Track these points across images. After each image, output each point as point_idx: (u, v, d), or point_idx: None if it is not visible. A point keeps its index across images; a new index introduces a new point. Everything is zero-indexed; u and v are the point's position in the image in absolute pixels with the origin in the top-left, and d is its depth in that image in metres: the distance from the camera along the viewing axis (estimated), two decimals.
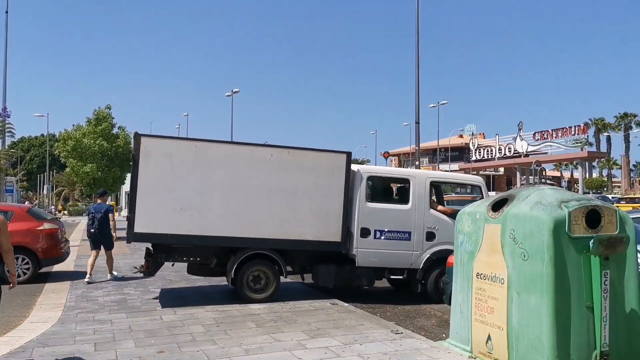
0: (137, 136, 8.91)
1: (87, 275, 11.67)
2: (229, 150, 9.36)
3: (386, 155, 58.26)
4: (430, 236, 9.71)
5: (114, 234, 12.49)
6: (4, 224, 5.29)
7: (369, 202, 9.74)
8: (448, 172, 38.35)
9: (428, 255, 9.68)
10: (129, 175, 33.57)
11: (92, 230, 12.15)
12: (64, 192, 78.77)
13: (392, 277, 10.04)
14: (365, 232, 9.57)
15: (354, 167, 9.88)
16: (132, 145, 24.07)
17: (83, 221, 48.63)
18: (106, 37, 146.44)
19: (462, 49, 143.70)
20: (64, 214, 69.49)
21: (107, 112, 23.83)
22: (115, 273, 12.42)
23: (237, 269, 9.23)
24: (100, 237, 12.16)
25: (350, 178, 9.65)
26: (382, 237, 9.62)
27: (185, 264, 10.16)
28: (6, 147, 24.04)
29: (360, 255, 9.60)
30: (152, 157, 8.83)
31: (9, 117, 21.91)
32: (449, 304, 6.76)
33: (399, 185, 10.64)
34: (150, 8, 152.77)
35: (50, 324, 7.67)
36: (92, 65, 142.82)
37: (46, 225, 12.23)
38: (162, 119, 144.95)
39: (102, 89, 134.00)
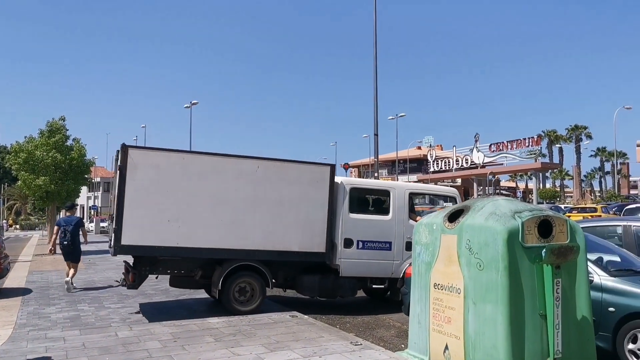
0: (125, 148, 8.77)
1: (70, 283, 11.89)
2: (215, 162, 9.33)
3: (346, 166, 58.67)
4: (409, 246, 9.87)
5: (84, 245, 12.77)
6: None
7: (351, 213, 9.90)
8: (425, 184, 38.97)
9: (408, 265, 9.82)
10: (84, 188, 32.79)
11: (65, 242, 12.23)
12: (15, 206, 76.28)
13: (374, 286, 10.23)
14: (348, 243, 9.71)
15: (336, 179, 10.03)
16: (87, 158, 23.65)
17: (35, 235, 47.17)
18: (61, 45, 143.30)
19: (420, 60, 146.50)
20: (16, 228, 67.08)
21: (61, 123, 23.24)
22: (74, 284, 12.20)
23: (224, 281, 9.20)
24: (71, 248, 12.28)
25: (333, 190, 9.82)
26: (365, 248, 9.83)
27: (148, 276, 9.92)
28: None
29: (343, 266, 9.73)
30: (139, 169, 8.74)
31: None
32: (408, 314, 6.81)
33: (379, 197, 10.84)
34: (109, 15, 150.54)
35: (0, 342, 7.39)
36: (46, 74, 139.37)
37: None
38: (119, 130, 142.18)
39: (55, 99, 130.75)
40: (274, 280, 9.81)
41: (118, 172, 8.77)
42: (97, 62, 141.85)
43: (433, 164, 66.36)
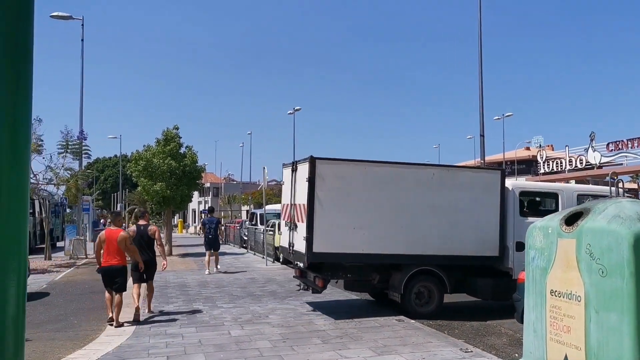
0: (313, 160, 9.33)
1: (207, 270, 15.92)
2: (394, 171, 9.81)
3: None
4: (519, 247, 9.81)
5: (220, 240, 17.56)
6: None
7: (522, 216, 10.03)
8: (591, 185, 37.72)
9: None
10: (195, 193, 34.43)
11: (210, 236, 16.43)
12: (135, 210, 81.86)
13: None
14: (520, 246, 9.64)
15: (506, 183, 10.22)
16: (198, 164, 24.90)
17: None
18: (172, 57, 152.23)
19: (527, 56, 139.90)
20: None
21: (174, 132, 24.64)
22: (219, 267, 16.47)
23: (405, 285, 9.56)
24: (213, 241, 16.39)
25: (504, 194, 9.98)
26: None
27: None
28: (83, 168, 25.22)
29: (517, 269, 9.70)
30: (326, 180, 9.29)
31: (85, 140, 22.99)
32: (521, 322, 6.52)
33: (548, 199, 10.86)
34: (216, 27, 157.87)
35: (125, 337, 7.96)
36: (160, 86, 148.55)
37: None
38: (226, 137, 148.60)
39: (169, 109, 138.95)
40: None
41: (307, 183, 9.24)
42: (201, 71, 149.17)
43: (543, 165, 63.17)
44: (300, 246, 9.52)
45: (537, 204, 10.99)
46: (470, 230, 9.76)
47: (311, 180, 9.16)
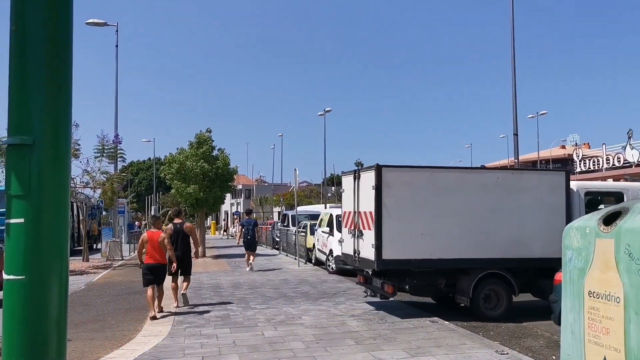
0: (378, 167, 9.46)
1: (248, 268, 16.92)
2: (459, 176, 9.97)
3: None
4: None
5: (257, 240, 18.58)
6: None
7: None
8: None
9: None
10: (227, 195, 34.87)
11: (248, 237, 17.29)
12: (169, 212, 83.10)
13: None
14: None
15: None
16: (230, 166, 25.15)
17: None
18: (204, 62, 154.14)
19: (561, 54, 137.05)
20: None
21: (207, 135, 24.92)
22: (252, 264, 17.10)
23: (474, 289, 9.59)
24: (252, 241, 17.28)
25: (569, 195, 10.01)
26: None
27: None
28: (118, 171, 25.72)
29: None
30: (393, 187, 9.41)
31: (120, 144, 23.43)
32: (558, 323, 6.40)
33: (613, 198, 10.74)
34: (247, 34, 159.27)
35: (161, 337, 8.09)
36: (192, 89, 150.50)
37: None
38: (257, 139, 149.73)
39: (201, 112, 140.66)
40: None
41: (374, 191, 9.36)
42: (232, 74, 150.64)
43: (580, 164, 61.86)
44: (368, 253, 9.58)
45: (600, 204, 10.90)
46: (536, 233, 9.75)
47: (378, 188, 9.28)
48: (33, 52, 1.96)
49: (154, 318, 9.44)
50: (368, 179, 9.71)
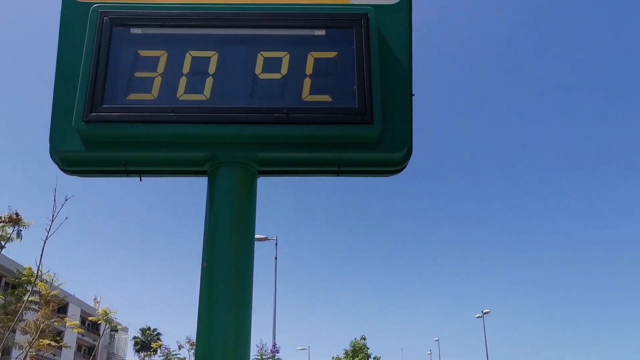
0: None
1: None
2: None
3: None
4: None
5: None
6: None
7: None
8: None
9: None
10: None
11: None
12: None
13: None
14: None
15: None
16: None
17: None
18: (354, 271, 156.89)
19: None
20: None
21: (362, 343, 24.56)
22: None
23: None
24: None
25: None
26: None
27: None
28: None
29: None
30: None
31: (278, 353, 23.80)
32: None
33: None
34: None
35: None
36: (345, 297, 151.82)
37: None
38: (412, 344, 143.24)
39: (354, 318, 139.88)
40: None
41: None
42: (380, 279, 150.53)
43: None
44: None
45: None
46: None
47: None
48: (220, 286, 2.23)
49: None
50: None
